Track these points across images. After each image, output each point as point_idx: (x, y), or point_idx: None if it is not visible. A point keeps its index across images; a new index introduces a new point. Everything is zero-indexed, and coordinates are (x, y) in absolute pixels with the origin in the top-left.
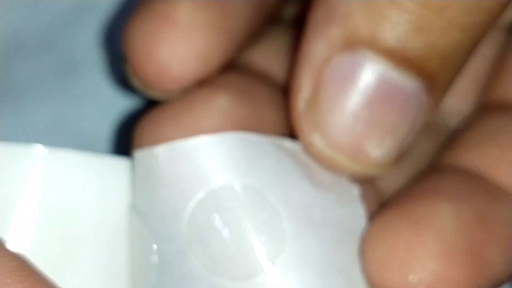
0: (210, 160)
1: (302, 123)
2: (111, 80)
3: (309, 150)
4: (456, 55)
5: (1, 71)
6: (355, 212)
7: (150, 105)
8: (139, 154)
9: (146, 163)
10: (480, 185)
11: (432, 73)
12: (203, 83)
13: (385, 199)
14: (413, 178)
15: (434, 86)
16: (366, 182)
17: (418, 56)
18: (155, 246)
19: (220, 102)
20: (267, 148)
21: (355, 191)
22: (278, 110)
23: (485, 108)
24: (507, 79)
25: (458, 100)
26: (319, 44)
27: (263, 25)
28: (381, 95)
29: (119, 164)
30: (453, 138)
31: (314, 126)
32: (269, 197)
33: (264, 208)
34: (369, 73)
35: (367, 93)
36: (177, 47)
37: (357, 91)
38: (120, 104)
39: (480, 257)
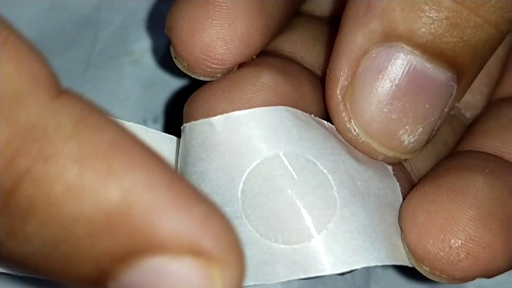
0: (265, 130)
1: (339, 111)
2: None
3: (345, 136)
4: (486, 49)
5: None
6: (392, 187)
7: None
8: (195, 124)
9: (202, 131)
10: (504, 164)
11: (462, 65)
12: (243, 65)
13: (414, 181)
14: (438, 162)
15: (463, 77)
16: (396, 164)
17: (452, 50)
18: None
19: (266, 78)
20: (313, 123)
21: (389, 169)
22: (314, 88)
23: (498, 102)
24: None
25: (473, 95)
26: (358, 36)
27: (293, 13)
28: (416, 85)
29: (163, 137)
30: (472, 127)
31: (351, 114)
32: (320, 166)
33: (316, 176)
34: (405, 65)
35: (403, 84)
36: (221, 30)
37: (392, 82)
38: (140, 98)
39: None
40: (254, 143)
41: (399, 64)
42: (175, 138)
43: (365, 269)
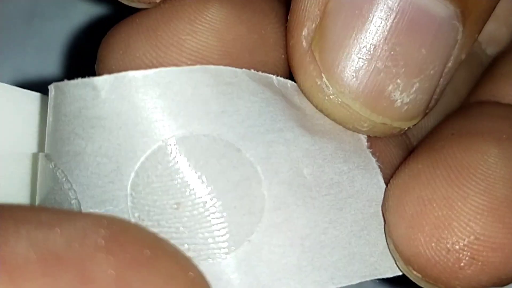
0: (171, 100)
1: (306, 64)
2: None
3: (315, 98)
4: None
5: None
6: (364, 166)
7: None
8: (69, 85)
9: (80, 97)
10: None
11: None
12: None
13: (413, 144)
14: (446, 117)
15: (470, 14)
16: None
17: None
18: (80, 210)
19: (213, 13)
20: (248, 87)
21: (362, 138)
22: (282, 27)
23: None
24: None
25: (498, 26)
26: None
27: None
28: (407, 22)
29: (27, 96)
30: (492, 69)
31: (322, 67)
32: (246, 153)
33: (239, 167)
34: None
35: (389, 20)
36: None
37: (376, 18)
38: (83, 51)
39: None
40: (153, 119)
41: None
42: (38, 96)
43: None
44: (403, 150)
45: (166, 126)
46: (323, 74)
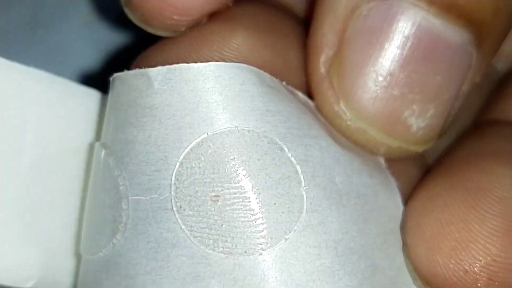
0: (219, 94)
1: (324, 90)
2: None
3: (333, 123)
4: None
5: None
6: (385, 182)
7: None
8: (128, 74)
9: (136, 87)
10: None
11: (482, 22)
12: (215, 16)
13: (428, 164)
14: (460, 135)
15: (484, 39)
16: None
17: (466, 2)
18: (128, 196)
19: (239, 41)
20: (285, 93)
21: (381, 160)
22: (303, 50)
23: None
24: None
25: (507, 41)
26: None
27: None
28: (423, 50)
29: (88, 93)
30: (504, 86)
31: (339, 93)
32: (287, 152)
33: (280, 165)
34: (407, 24)
35: (405, 48)
36: None
37: (392, 47)
38: (89, 58)
39: None
40: (201, 111)
41: (399, 23)
42: (98, 94)
43: None
44: (419, 169)
45: (213, 118)
46: (340, 100)
